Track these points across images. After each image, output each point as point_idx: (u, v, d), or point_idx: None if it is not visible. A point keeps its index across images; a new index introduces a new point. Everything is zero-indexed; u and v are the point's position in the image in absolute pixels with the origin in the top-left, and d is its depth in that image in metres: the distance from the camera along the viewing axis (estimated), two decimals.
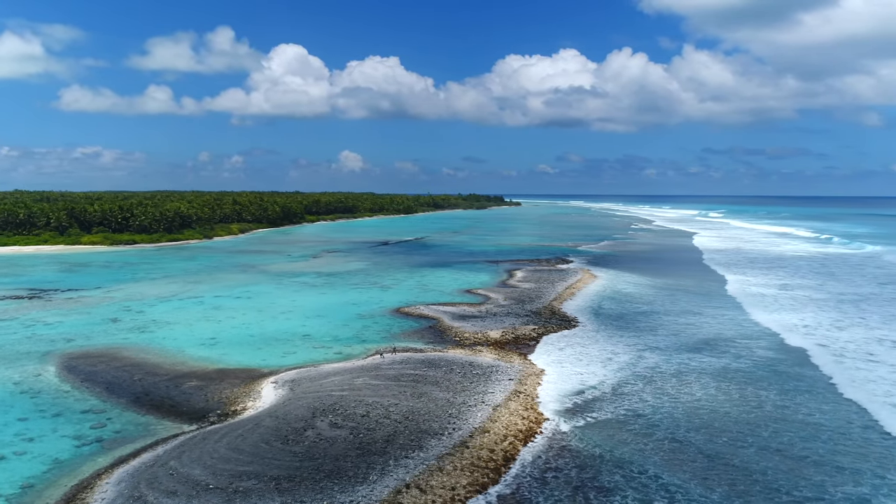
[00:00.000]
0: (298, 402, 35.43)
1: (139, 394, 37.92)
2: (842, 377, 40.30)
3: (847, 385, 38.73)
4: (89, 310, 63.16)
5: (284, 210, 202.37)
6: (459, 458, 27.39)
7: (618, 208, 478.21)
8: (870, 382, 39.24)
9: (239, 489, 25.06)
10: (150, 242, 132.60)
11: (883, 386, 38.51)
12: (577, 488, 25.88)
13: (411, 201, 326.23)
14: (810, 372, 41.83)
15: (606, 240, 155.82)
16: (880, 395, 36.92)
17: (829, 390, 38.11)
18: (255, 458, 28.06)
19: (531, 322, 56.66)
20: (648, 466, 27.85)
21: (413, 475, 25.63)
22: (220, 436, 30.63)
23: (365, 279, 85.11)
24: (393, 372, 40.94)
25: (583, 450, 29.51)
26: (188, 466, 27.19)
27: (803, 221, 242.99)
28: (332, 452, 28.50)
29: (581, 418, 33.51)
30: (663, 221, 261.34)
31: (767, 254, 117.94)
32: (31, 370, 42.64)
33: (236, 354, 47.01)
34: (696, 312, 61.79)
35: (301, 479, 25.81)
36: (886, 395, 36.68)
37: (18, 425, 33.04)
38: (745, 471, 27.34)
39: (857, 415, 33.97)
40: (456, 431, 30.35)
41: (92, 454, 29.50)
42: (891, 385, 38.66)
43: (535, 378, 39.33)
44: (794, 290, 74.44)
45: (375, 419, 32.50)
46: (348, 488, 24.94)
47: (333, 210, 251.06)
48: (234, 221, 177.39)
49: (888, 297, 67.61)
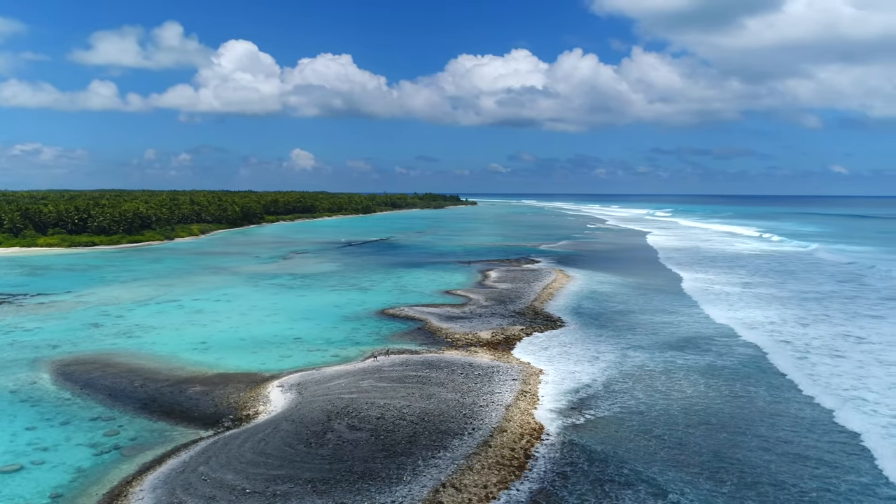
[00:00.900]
0: (310, 405, 35.93)
1: (145, 400, 37.79)
2: (812, 371, 42.81)
3: (820, 378, 41.22)
4: (66, 315, 61.89)
5: (244, 210, 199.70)
6: (485, 457, 28.47)
7: (570, 207, 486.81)
8: (835, 377, 41.66)
9: (277, 493, 25.60)
10: (109, 244, 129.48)
11: (848, 380, 40.92)
12: (594, 481, 27.23)
13: (369, 201, 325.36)
14: (790, 368, 44.21)
15: (565, 239, 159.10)
16: (847, 387, 39.42)
17: (809, 385, 40.46)
18: (284, 461, 28.58)
19: (518, 322, 58.10)
20: (655, 461, 29.40)
21: (447, 475, 26.59)
22: (242, 441, 30.98)
23: (342, 281, 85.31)
24: (396, 374, 41.73)
25: (592, 446, 30.91)
26: (219, 471, 27.54)
27: (751, 220, 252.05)
28: (358, 454, 29.22)
29: (583, 415, 34.94)
30: (616, 221, 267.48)
31: (725, 253, 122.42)
32: (24, 378, 41.91)
33: (232, 359, 47.01)
34: (670, 311, 64.20)
35: (335, 482, 26.48)
36: (851, 388, 39.17)
37: (28, 434, 32.68)
38: (750, 464, 29.15)
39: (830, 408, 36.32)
40: (476, 431, 31.41)
41: (114, 462, 29.50)
42: (854, 379, 41.13)
43: (536, 377, 40.69)
44: (757, 288, 77.83)
45: (391, 421, 33.31)
46: (385, 489, 25.75)
47: (292, 210, 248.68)
48: (192, 222, 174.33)
49: (848, 295, 71.42)
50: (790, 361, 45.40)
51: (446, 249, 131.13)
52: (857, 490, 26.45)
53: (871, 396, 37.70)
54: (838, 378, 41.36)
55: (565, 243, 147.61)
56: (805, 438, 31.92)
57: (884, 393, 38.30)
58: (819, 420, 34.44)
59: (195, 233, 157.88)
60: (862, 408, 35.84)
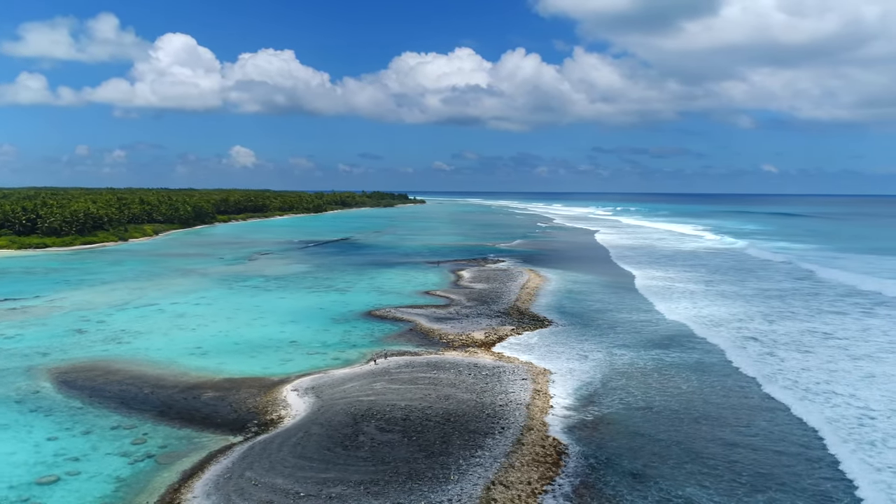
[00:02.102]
0: (332, 408, 36.58)
1: (161, 407, 37.65)
2: (788, 365, 45.88)
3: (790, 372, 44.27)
4: (44, 321, 60.24)
5: (196, 210, 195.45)
6: (521, 454, 29.84)
7: (515, 206, 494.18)
8: (804, 371, 44.71)
9: (332, 495, 26.34)
10: (62, 246, 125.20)
11: (818, 374, 44.01)
12: (623, 474, 28.94)
13: (320, 199, 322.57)
14: (754, 363, 47.15)
15: (520, 238, 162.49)
16: (816, 381, 42.51)
17: (790, 379, 43.38)
18: (328, 464, 29.29)
19: (507, 322, 59.71)
20: (671, 454, 31.34)
21: (493, 473, 27.83)
22: (279, 445, 31.48)
23: (316, 282, 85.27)
24: (406, 376, 42.68)
25: (610, 440, 32.67)
26: (267, 476, 28.07)
27: (694, 219, 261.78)
28: (397, 455, 30.15)
29: (594, 412, 36.72)
30: (562, 220, 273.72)
31: (679, 252, 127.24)
32: (25, 387, 41.04)
33: (234, 363, 47.00)
34: (645, 309, 66.94)
35: (385, 483, 27.39)
36: (820, 382, 42.21)
37: (52, 445, 32.31)
38: (766, 453, 31.42)
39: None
40: (507, 430, 32.76)
41: (152, 470, 29.59)
42: (826, 374, 44.21)
43: (543, 377, 42.33)
44: (719, 286, 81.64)
45: (417, 422, 34.32)
46: (437, 488, 26.82)
47: (243, 209, 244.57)
48: (143, 222, 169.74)
49: (807, 292, 75.83)
50: (757, 356, 48.40)
51: (410, 249, 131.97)
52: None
53: (840, 389, 40.81)
54: (808, 373, 44.44)
55: (521, 242, 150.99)
56: (771, 428, 34.50)
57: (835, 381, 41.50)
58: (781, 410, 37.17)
59: (149, 233, 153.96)
60: (832, 399, 38.84)
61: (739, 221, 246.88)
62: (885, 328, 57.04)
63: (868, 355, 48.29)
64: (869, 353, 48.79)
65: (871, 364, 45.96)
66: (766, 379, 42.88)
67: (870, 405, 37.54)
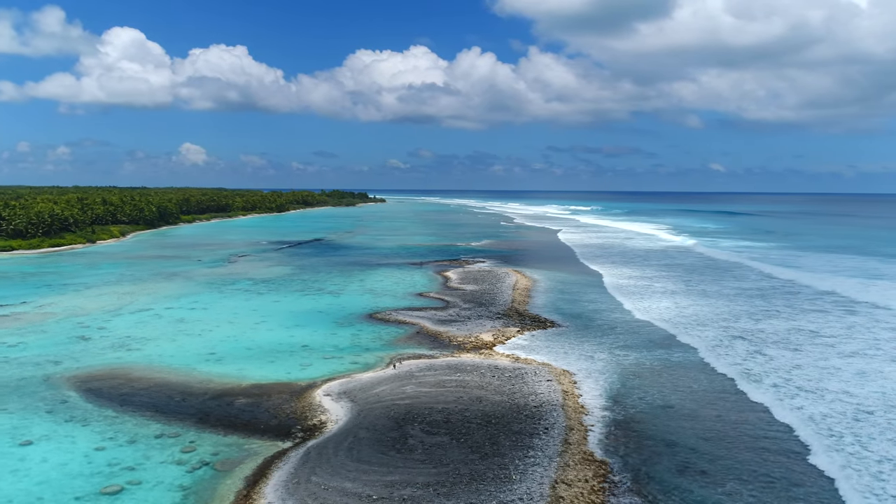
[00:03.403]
0: (371, 412, 37.47)
1: (198, 414, 37.90)
2: (782, 362, 48.69)
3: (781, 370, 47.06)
4: (41, 328, 59.18)
5: (160, 210, 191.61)
6: (572, 454, 31.35)
7: (474, 204, 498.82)
8: (795, 369, 47.57)
9: (404, 497, 27.36)
10: (30, 248, 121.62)
11: (810, 371, 46.95)
12: (669, 470, 30.73)
13: (283, 199, 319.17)
14: (770, 359, 49.84)
15: (489, 238, 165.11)
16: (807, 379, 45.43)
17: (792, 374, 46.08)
18: (388, 467, 30.25)
19: (510, 324, 61.25)
20: (705, 449, 33.26)
21: (552, 472, 29.25)
22: (333, 450, 32.27)
23: (306, 285, 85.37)
24: (432, 379, 43.78)
25: (646, 438, 34.43)
26: (334, 481, 28.89)
27: (653, 218, 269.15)
28: (452, 457, 31.30)
29: (624, 411, 38.45)
30: (522, 219, 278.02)
31: (650, 252, 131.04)
32: (50, 397, 40.68)
33: (254, 369, 47.28)
34: (629, 309, 69.38)
35: (451, 484, 28.53)
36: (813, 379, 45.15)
37: (102, 455, 32.38)
38: (798, 442, 33.63)
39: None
40: (552, 430, 34.22)
41: (213, 478, 30.06)
42: (820, 371, 47.14)
43: (566, 377, 43.98)
44: (699, 286, 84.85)
45: (459, 424, 35.52)
46: (503, 488, 28.09)
47: (206, 209, 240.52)
48: (107, 223, 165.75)
49: (787, 291, 79.53)
50: (746, 354, 51.15)
51: (387, 250, 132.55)
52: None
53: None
54: (798, 370, 47.28)
55: (492, 242, 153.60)
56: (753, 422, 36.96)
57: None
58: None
59: (116, 235, 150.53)
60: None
61: (697, 220, 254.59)
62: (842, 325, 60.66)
63: (849, 353, 51.47)
64: (854, 351, 51.99)
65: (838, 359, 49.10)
66: (758, 376, 45.45)
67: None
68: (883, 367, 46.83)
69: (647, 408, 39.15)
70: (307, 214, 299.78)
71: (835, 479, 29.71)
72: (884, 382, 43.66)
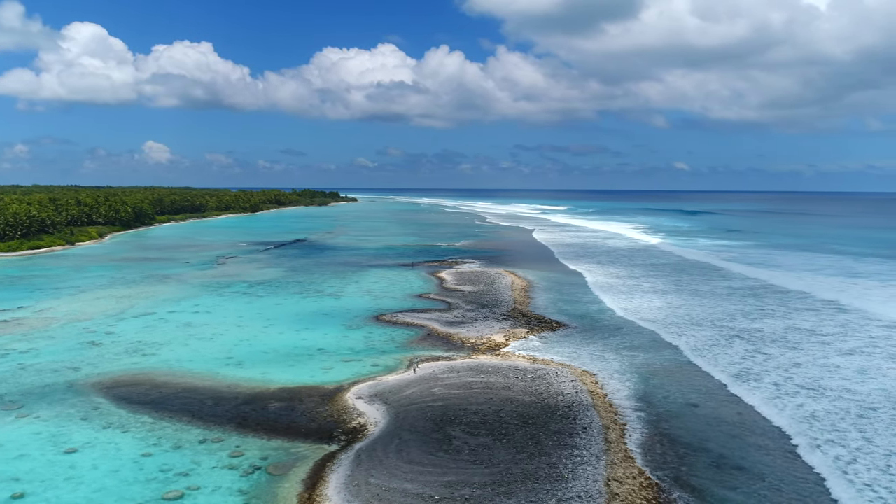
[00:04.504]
0: (408, 414, 38.31)
1: (236, 418, 38.28)
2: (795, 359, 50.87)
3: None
4: (48, 334, 58.54)
5: (136, 210, 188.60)
6: (615, 451, 32.67)
7: (444, 203, 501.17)
8: (795, 367, 49.88)
9: (465, 497, 28.31)
10: (9, 251, 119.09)
11: (810, 369, 49.25)
12: (707, 465, 32.23)
13: (256, 198, 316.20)
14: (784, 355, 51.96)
15: (469, 238, 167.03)
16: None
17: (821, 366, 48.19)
18: (441, 468, 31.16)
19: (517, 325, 62.50)
20: (735, 444, 34.88)
21: (603, 470, 30.50)
22: (382, 452, 33.05)
23: (303, 287, 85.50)
24: (457, 381, 44.74)
25: (679, 435, 35.94)
26: (393, 482, 29.71)
27: (625, 217, 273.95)
28: (500, 458, 32.34)
29: (651, 409, 39.86)
30: (494, 218, 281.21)
31: (634, 250, 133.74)
32: (80, 404, 40.61)
33: (276, 373, 47.66)
34: (634, 310, 71.26)
35: (507, 483, 29.58)
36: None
37: (152, 461, 32.65)
38: (819, 437, 35.46)
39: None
40: (590, 429, 35.50)
41: (270, 481, 30.62)
42: (821, 369, 49.49)
43: (589, 377, 45.35)
44: (689, 286, 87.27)
45: (497, 424, 36.59)
46: (559, 486, 29.24)
47: (180, 209, 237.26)
48: (82, 224, 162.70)
49: (775, 291, 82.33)
50: (745, 353, 53.32)
51: (373, 251, 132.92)
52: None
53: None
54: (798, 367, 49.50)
55: (473, 242, 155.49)
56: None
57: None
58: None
59: (94, 236, 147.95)
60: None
61: (669, 219, 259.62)
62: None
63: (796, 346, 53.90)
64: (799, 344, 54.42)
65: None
66: (758, 375, 47.51)
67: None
68: (882, 364, 49.25)
69: (671, 406, 40.73)
70: (282, 214, 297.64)
71: (846, 473, 31.56)
72: (883, 380, 45.98)
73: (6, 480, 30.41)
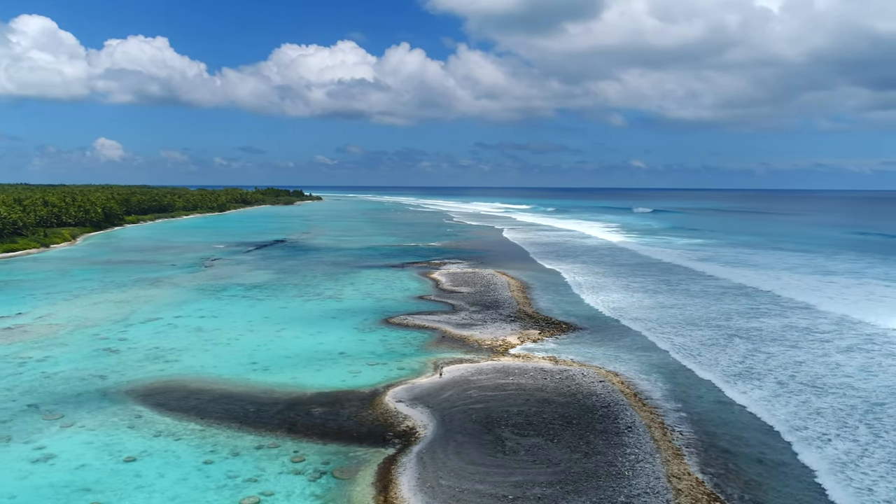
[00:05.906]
0: (453, 417, 39.39)
1: (284, 424, 38.79)
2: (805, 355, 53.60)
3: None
4: (59, 341, 57.75)
5: (105, 211, 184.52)
6: (665, 449, 34.35)
7: (407, 202, 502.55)
8: (797, 365, 52.67)
9: (538, 496, 29.57)
10: None
11: (812, 367, 52.05)
12: (752, 460, 34.15)
13: (223, 198, 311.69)
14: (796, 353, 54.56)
15: (446, 238, 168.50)
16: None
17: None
18: (505, 469, 32.36)
19: (527, 327, 64.03)
20: (772, 442, 36.92)
21: (661, 467, 32.12)
22: (442, 454, 34.07)
23: (301, 290, 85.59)
24: (490, 383, 45.98)
25: (717, 433, 37.85)
26: (464, 483, 30.78)
27: (591, 215, 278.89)
28: (556, 457, 33.68)
29: (685, 408, 41.64)
30: (461, 216, 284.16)
31: (613, 249, 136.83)
32: (121, 412, 40.56)
33: (307, 377, 48.15)
34: (633, 310, 73.58)
35: (574, 482, 30.94)
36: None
37: (216, 468, 33.03)
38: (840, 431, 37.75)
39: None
40: (635, 427, 37.11)
41: (340, 486, 31.35)
42: (822, 368, 52.34)
43: (616, 377, 47.08)
44: (679, 285, 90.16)
45: (542, 425, 37.95)
46: (623, 483, 30.72)
47: (148, 209, 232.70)
48: (52, 225, 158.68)
49: (767, 288, 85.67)
50: (746, 353, 55.96)
51: (357, 251, 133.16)
52: None
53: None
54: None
55: (450, 242, 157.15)
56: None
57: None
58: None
59: (68, 238, 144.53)
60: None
61: (636, 218, 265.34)
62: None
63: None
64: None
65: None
66: (760, 374, 50.05)
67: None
68: (882, 362, 52.27)
69: (703, 404, 42.68)
70: (249, 214, 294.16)
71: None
72: (885, 377, 48.89)
73: (78, 490, 30.50)
